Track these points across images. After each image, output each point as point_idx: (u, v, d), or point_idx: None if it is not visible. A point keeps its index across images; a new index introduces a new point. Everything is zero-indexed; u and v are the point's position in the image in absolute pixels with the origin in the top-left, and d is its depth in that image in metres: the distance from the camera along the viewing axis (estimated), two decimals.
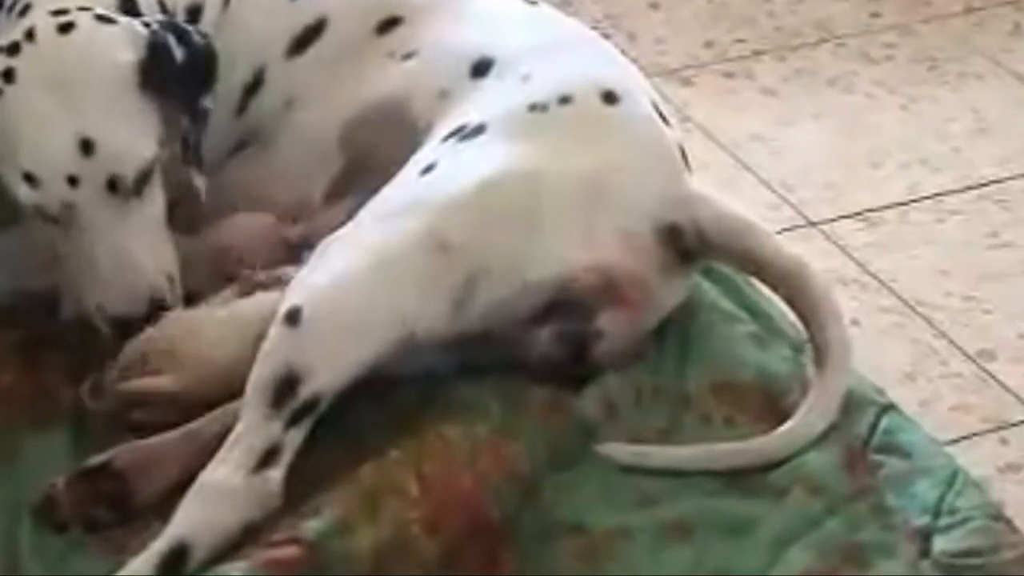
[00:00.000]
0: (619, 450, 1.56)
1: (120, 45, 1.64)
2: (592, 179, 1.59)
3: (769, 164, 2.50)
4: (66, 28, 1.64)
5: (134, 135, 1.62)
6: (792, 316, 1.73)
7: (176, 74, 1.65)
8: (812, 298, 1.63)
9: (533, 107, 1.64)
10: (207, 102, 1.69)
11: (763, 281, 1.69)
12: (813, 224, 2.35)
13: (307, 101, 1.78)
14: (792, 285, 1.64)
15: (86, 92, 1.61)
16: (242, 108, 1.79)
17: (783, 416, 1.59)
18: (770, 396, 1.63)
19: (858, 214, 2.40)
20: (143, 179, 1.63)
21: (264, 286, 1.66)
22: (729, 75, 2.75)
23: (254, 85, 1.80)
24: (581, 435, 1.58)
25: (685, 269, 1.66)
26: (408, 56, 1.77)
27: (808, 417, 1.58)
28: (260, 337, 1.53)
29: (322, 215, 1.74)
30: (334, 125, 1.76)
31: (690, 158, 1.72)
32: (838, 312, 1.64)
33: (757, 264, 1.66)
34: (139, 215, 1.63)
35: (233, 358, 1.56)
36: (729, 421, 1.61)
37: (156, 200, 1.66)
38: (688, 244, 1.63)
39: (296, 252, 1.69)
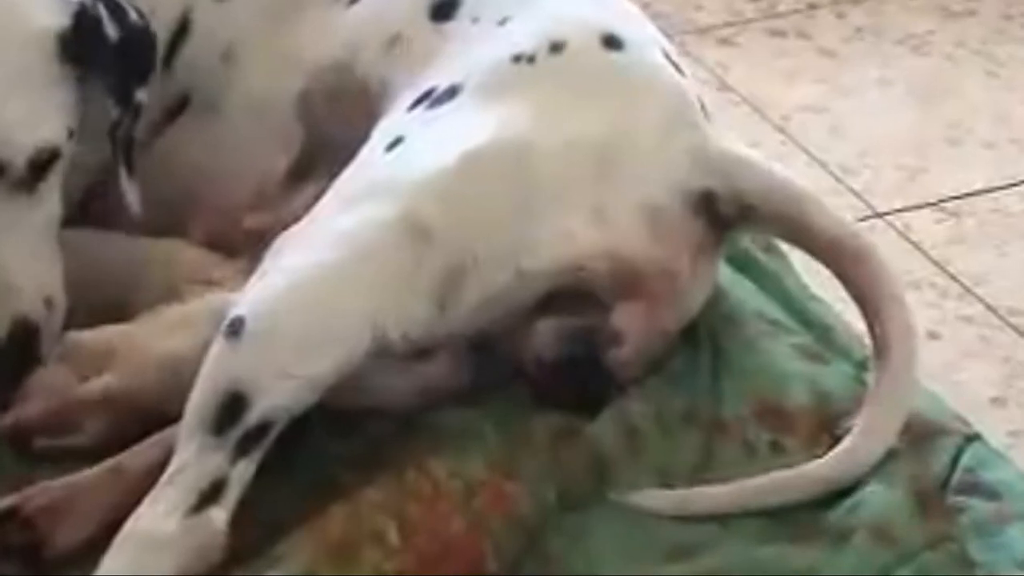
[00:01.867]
0: (651, 498, 1.56)
1: (40, 11, 1.66)
2: (599, 143, 1.59)
3: (826, 142, 2.51)
4: None
5: (36, 114, 1.63)
6: (855, 327, 1.73)
7: (106, 54, 1.67)
8: (869, 275, 1.62)
9: (518, 58, 1.64)
10: (142, 95, 1.71)
11: (812, 254, 1.68)
12: (880, 215, 2.36)
13: (249, 56, 1.80)
14: (845, 258, 1.63)
15: None
16: (168, 60, 1.80)
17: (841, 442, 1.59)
18: (825, 420, 1.63)
19: (935, 203, 2.41)
20: (39, 170, 1.63)
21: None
22: (779, 34, 2.77)
23: (180, 32, 1.81)
24: (596, 470, 1.58)
25: (717, 244, 1.66)
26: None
27: (870, 430, 1.57)
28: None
29: (285, 201, 1.75)
30: (287, 92, 1.78)
31: (731, 134, 1.72)
32: (901, 295, 1.63)
33: (804, 233, 1.65)
34: (26, 215, 1.63)
35: (190, 348, 1.56)
36: (776, 447, 1.62)
37: (49, 205, 1.66)
38: (723, 212, 1.63)
39: (254, 246, 1.69)
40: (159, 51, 1.77)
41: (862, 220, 2.36)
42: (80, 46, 1.66)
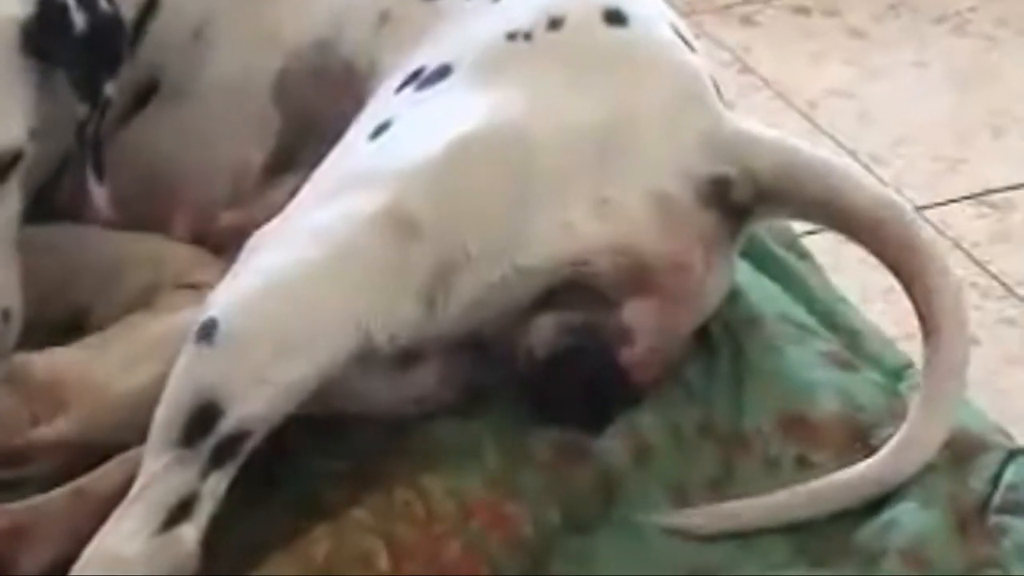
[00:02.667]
0: (694, 519, 1.56)
1: None
2: (601, 126, 1.59)
3: (856, 130, 2.51)
4: None
5: None
6: (887, 331, 1.73)
7: (73, 46, 1.67)
8: (912, 247, 1.61)
9: (513, 35, 1.64)
10: (110, 89, 1.70)
11: (849, 234, 1.67)
12: (915, 209, 2.34)
13: (223, 33, 1.81)
14: (887, 234, 1.62)
15: None
16: (135, 40, 1.80)
17: (876, 453, 1.59)
18: (856, 432, 1.63)
19: (976, 196, 2.41)
20: None
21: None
22: (803, 11, 2.76)
23: (148, 9, 1.82)
24: (603, 489, 1.58)
25: (734, 234, 1.66)
26: None
27: (923, 420, 1.56)
28: None
29: (264, 196, 1.75)
30: (263, 73, 1.79)
31: (753, 120, 1.71)
32: (947, 272, 1.62)
33: (837, 212, 1.64)
34: None
35: (156, 382, 1.54)
36: (802, 462, 1.61)
37: (8, 209, 1.65)
38: (738, 199, 1.63)
39: (234, 245, 1.68)
40: (128, 36, 1.77)
41: None
42: (45, 37, 1.65)
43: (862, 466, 1.57)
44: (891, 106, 2.55)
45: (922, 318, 1.60)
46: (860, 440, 1.62)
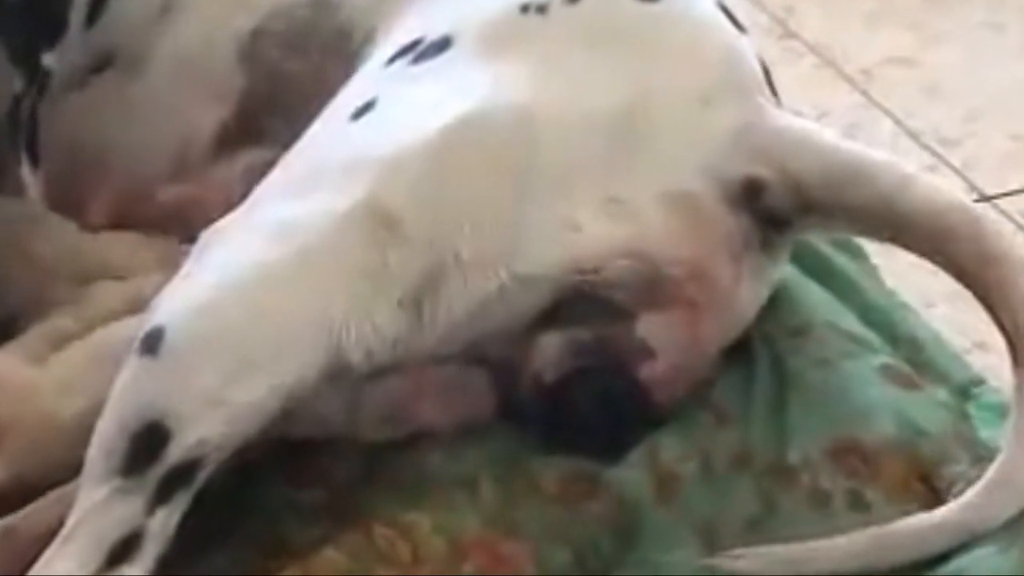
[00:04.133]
0: (740, 561, 1.55)
1: None
2: (617, 115, 1.59)
3: (918, 105, 2.53)
4: None
5: None
6: (955, 344, 1.75)
7: (10, 9, 1.70)
8: (988, 256, 1.59)
9: (526, 7, 1.65)
10: (50, 60, 1.73)
11: (910, 247, 1.65)
12: (987, 198, 2.37)
13: (194, 3, 1.82)
14: (955, 243, 1.61)
15: None
16: (95, 12, 1.81)
17: (939, 493, 1.59)
18: (918, 462, 1.63)
19: None
20: None
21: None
22: None
23: None
24: (620, 525, 1.57)
25: (770, 244, 1.66)
26: None
27: (1017, 457, 1.54)
28: None
29: (211, 172, 1.77)
30: (230, 35, 1.80)
31: (796, 94, 1.71)
32: None
33: (891, 220, 1.63)
34: None
35: (90, 411, 1.55)
36: (855, 498, 1.61)
37: None
38: (776, 206, 1.63)
39: (172, 227, 1.73)
40: (82, 5, 1.79)
41: None
42: None
43: (941, 512, 1.55)
44: (959, 76, 2.56)
45: (1008, 336, 1.58)
46: (921, 478, 1.62)
